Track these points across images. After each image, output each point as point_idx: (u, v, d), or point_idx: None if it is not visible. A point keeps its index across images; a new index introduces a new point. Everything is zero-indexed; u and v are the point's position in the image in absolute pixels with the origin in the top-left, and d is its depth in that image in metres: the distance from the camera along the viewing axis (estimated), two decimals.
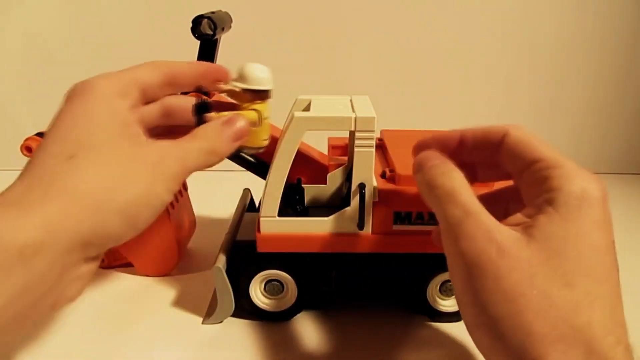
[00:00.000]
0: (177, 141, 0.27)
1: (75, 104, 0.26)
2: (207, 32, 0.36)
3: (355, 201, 0.31)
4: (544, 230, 0.21)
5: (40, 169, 0.24)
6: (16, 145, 0.36)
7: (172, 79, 0.30)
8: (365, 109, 0.31)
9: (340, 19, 0.61)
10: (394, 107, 0.51)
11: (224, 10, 0.39)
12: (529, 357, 0.19)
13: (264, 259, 0.33)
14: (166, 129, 0.31)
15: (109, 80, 0.27)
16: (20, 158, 0.32)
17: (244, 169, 0.37)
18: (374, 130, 0.30)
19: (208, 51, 0.38)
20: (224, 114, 0.29)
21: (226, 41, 0.39)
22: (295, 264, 0.34)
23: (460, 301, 0.23)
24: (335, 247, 0.33)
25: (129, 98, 0.28)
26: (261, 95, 0.30)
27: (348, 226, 0.32)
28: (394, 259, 0.34)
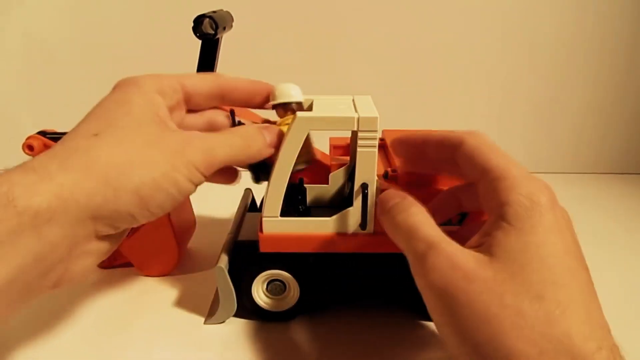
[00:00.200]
0: (209, 133, 0.28)
1: (115, 94, 0.27)
2: (209, 32, 0.36)
3: (358, 201, 0.31)
4: (504, 246, 0.21)
5: (66, 144, 0.25)
6: (16, 144, 0.36)
7: (222, 91, 0.31)
8: (367, 109, 0.31)
9: (342, 19, 0.61)
10: (395, 107, 0.51)
11: (225, 9, 0.39)
12: None
13: (266, 259, 0.33)
14: None
15: (153, 78, 0.28)
16: (20, 158, 0.32)
17: (244, 169, 0.37)
18: (376, 130, 0.30)
19: (209, 51, 0.37)
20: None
21: (228, 41, 0.39)
22: (297, 264, 0.34)
23: (441, 333, 0.23)
24: (337, 247, 0.33)
25: (169, 98, 0.28)
26: (292, 108, 0.32)
27: (351, 226, 0.32)
28: (396, 259, 0.33)
